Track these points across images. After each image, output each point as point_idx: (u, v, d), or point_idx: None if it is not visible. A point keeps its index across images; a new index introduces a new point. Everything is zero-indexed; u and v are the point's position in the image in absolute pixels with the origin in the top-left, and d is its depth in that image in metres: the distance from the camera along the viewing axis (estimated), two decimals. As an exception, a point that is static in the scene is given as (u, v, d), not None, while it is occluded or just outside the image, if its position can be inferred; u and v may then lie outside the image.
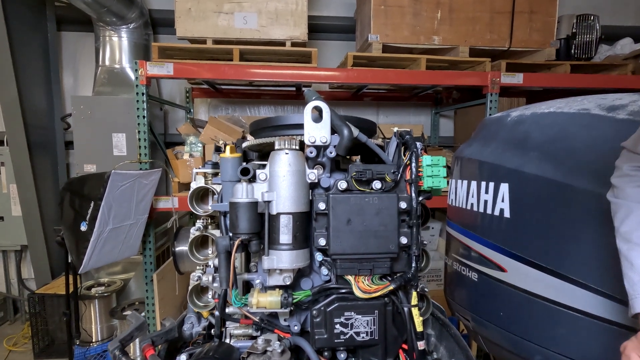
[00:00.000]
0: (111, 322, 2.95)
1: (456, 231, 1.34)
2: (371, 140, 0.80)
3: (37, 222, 3.27)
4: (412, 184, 0.74)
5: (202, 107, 3.74)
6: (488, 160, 1.17)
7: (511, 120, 1.13)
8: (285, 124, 0.81)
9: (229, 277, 0.71)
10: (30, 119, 3.18)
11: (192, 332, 0.93)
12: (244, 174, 0.72)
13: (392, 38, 2.74)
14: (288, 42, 2.75)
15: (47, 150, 3.44)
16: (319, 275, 0.78)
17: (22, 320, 3.64)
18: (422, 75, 2.63)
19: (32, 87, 3.25)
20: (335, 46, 3.70)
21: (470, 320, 1.24)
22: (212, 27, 2.67)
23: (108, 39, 3.21)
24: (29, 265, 3.61)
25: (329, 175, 0.77)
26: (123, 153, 3.01)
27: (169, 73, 2.38)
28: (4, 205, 3.45)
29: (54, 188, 3.48)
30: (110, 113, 3.00)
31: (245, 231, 0.70)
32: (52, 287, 3.09)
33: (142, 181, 2.23)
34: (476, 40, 2.78)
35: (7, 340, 3.29)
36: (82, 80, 3.68)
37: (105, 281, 3.17)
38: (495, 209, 1.10)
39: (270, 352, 0.66)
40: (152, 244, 2.55)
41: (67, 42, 3.64)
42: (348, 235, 0.71)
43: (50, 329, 3.05)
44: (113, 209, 2.06)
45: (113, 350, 0.75)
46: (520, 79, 2.59)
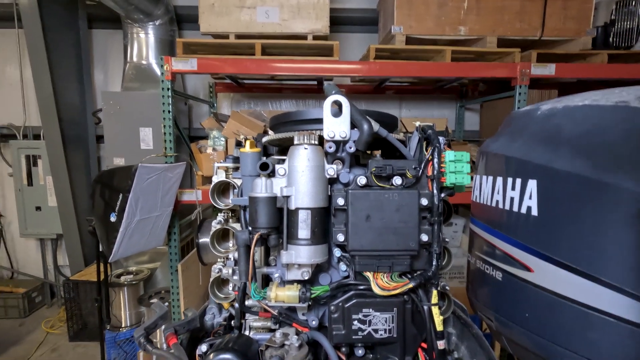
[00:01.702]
0: (139, 309, 3.08)
1: (480, 228, 1.30)
2: (392, 135, 0.79)
3: (71, 213, 3.45)
4: (434, 180, 0.72)
5: (225, 102, 3.79)
6: (515, 156, 1.12)
7: (541, 113, 1.08)
8: (304, 118, 0.80)
9: (248, 270, 0.72)
10: (64, 114, 3.34)
11: (214, 322, 0.95)
12: (263, 168, 0.73)
13: (416, 29, 2.67)
14: (310, 35, 2.74)
15: (79, 144, 3.60)
16: (337, 271, 0.77)
17: (58, 304, 3.87)
18: (447, 68, 2.55)
19: (65, 84, 3.40)
20: (357, 39, 3.65)
21: (494, 320, 1.20)
22: (234, 22, 2.70)
23: (135, 36, 3.30)
24: (64, 253, 3.82)
25: (348, 171, 0.76)
26: (149, 147, 3.11)
27: (193, 68, 2.42)
28: (41, 196, 3.65)
29: (87, 180, 3.65)
30: (138, 108, 3.10)
31: (264, 225, 0.70)
32: (85, 274, 3.25)
33: (168, 174, 2.29)
34: (505, 30, 2.66)
35: (45, 323, 3.51)
36: (111, 76, 3.82)
37: (133, 270, 3.30)
38: (522, 207, 1.05)
39: (288, 345, 0.66)
40: (177, 235, 2.62)
41: (98, 40, 3.78)
42: (367, 231, 0.70)
43: (84, 313, 3.22)
44: (140, 201, 2.14)
45: (138, 337, 0.77)
46: (552, 70, 2.46)
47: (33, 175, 3.63)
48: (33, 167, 3.62)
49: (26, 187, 3.64)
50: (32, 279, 3.97)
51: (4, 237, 3.97)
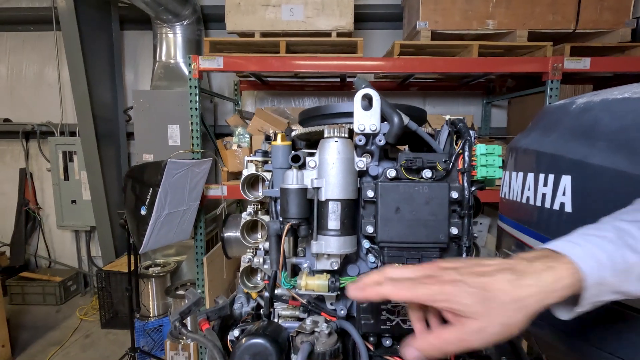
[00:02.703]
0: (166, 299, 3.20)
1: (509, 226, 1.28)
2: (421, 128, 0.79)
3: (104, 206, 3.61)
4: (464, 173, 0.72)
5: (249, 100, 3.86)
6: (548, 151, 1.10)
7: (577, 107, 1.05)
8: (334, 112, 0.81)
9: (279, 259, 0.74)
10: (98, 112, 3.50)
11: (242, 311, 0.98)
12: (295, 160, 0.74)
13: (442, 24, 2.62)
14: (334, 32, 2.75)
15: (112, 140, 3.77)
16: (365, 263, 0.78)
17: (91, 293, 4.07)
18: (473, 63, 2.50)
19: (99, 83, 3.56)
20: (381, 35, 3.63)
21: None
22: (259, 20, 2.74)
23: (164, 36, 3.42)
24: (96, 245, 4.01)
25: (377, 164, 0.77)
26: (177, 143, 3.21)
27: (219, 66, 2.49)
28: (76, 190, 3.84)
29: (118, 175, 3.81)
30: (166, 105, 3.21)
31: (295, 216, 0.72)
32: (116, 265, 3.40)
33: (195, 170, 2.37)
34: (536, 22, 2.58)
35: (79, 310, 3.70)
36: (141, 75, 3.97)
37: (161, 262, 3.43)
38: (555, 203, 1.02)
39: (318, 332, 0.68)
40: (203, 229, 2.70)
41: (129, 40, 3.93)
42: (396, 223, 0.70)
43: (115, 302, 3.38)
44: (169, 195, 2.22)
45: (174, 321, 0.81)
46: (587, 64, 2.36)
47: (69, 170, 3.83)
48: (69, 162, 3.82)
49: (63, 181, 3.85)
50: (68, 268, 4.19)
51: (43, 228, 4.22)
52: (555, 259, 0.46)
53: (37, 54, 4.01)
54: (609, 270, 0.45)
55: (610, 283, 0.45)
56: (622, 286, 0.46)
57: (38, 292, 3.81)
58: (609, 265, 0.45)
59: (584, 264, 0.45)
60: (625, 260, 0.45)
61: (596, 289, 0.45)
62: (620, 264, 0.45)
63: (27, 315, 3.63)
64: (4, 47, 4.02)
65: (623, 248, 0.46)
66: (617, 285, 0.46)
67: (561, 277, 0.44)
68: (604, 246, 0.46)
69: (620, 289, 0.46)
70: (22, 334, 3.25)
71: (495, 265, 0.47)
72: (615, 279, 0.45)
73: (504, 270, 0.45)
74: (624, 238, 0.46)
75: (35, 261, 4.27)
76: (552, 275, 0.44)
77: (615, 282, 0.45)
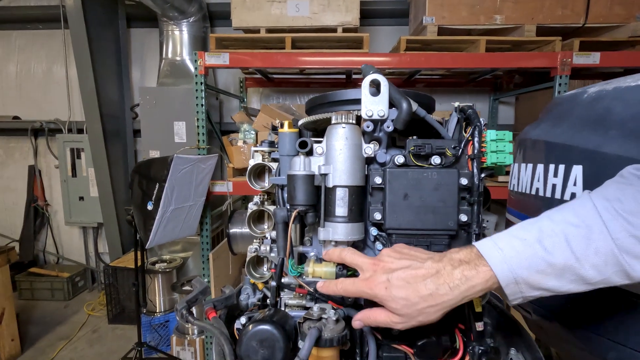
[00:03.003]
0: (172, 295, 3.22)
1: (517, 218, 1.26)
2: (430, 115, 0.78)
3: (111, 203, 3.64)
4: (474, 159, 0.71)
5: (255, 96, 3.87)
6: (559, 141, 1.08)
7: (588, 96, 1.03)
8: (341, 99, 0.81)
9: (286, 246, 0.74)
10: (105, 109, 3.53)
11: (248, 302, 0.97)
12: (302, 146, 0.74)
13: (448, 20, 2.60)
14: (339, 28, 2.74)
15: (118, 137, 3.80)
16: (372, 251, 0.77)
17: (99, 289, 4.10)
18: (481, 58, 2.47)
19: (106, 81, 3.59)
20: (387, 31, 3.62)
21: (532, 313, 1.16)
22: (265, 16, 2.74)
23: (170, 33, 3.44)
24: (104, 241, 4.05)
25: (385, 151, 0.76)
26: (183, 140, 3.22)
27: (225, 63, 2.49)
28: (84, 187, 3.88)
29: (125, 172, 3.84)
30: (172, 102, 3.23)
31: (302, 202, 0.71)
32: (122, 261, 3.43)
33: (201, 165, 2.37)
34: (545, 17, 2.54)
35: (86, 306, 3.73)
36: (148, 73, 3.99)
37: (167, 258, 3.45)
38: (566, 193, 1.01)
39: (325, 319, 0.68)
40: (209, 225, 2.71)
41: (135, 38, 3.96)
42: (404, 210, 0.70)
43: (122, 298, 3.40)
44: (175, 190, 2.22)
45: (181, 309, 0.81)
46: (596, 59, 2.33)
47: (77, 167, 3.87)
48: (77, 159, 3.85)
49: (70, 178, 3.88)
50: (76, 264, 4.23)
51: (51, 225, 4.26)
52: (475, 264, 0.54)
53: (45, 52, 4.05)
54: (525, 272, 0.51)
55: (529, 282, 0.52)
56: (541, 284, 0.52)
57: (46, 288, 3.86)
58: (524, 267, 0.51)
59: (499, 269, 0.52)
60: (540, 261, 0.51)
61: (513, 287, 0.53)
62: (536, 266, 0.51)
63: (36, 310, 3.68)
64: (13, 46, 4.07)
65: (540, 250, 0.51)
66: (536, 283, 0.52)
67: (475, 285, 0.53)
68: (522, 250, 0.52)
69: (540, 286, 0.52)
70: (31, 329, 3.29)
71: (424, 269, 0.56)
72: (532, 278, 0.52)
73: (429, 277, 0.55)
74: (542, 241, 0.51)
75: (43, 257, 4.33)
76: (466, 285, 0.53)
77: (533, 281, 0.52)
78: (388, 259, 0.61)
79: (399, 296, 0.56)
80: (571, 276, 0.51)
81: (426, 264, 0.57)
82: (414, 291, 0.55)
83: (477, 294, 0.54)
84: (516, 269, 0.52)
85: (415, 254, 0.61)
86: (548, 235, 0.52)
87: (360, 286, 0.60)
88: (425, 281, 0.55)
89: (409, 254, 0.61)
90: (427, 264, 0.57)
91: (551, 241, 0.51)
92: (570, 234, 0.51)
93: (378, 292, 0.57)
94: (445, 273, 0.55)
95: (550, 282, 0.52)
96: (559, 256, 0.50)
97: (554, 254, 0.50)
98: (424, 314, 0.55)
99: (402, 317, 0.57)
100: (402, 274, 0.57)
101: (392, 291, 0.56)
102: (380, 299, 0.58)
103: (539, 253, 0.51)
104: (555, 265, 0.51)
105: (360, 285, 0.60)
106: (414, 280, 0.56)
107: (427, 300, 0.54)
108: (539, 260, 0.51)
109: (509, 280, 0.52)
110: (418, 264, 0.58)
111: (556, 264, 0.50)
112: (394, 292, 0.56)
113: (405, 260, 0.59)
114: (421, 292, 0.55)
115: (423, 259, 0.59)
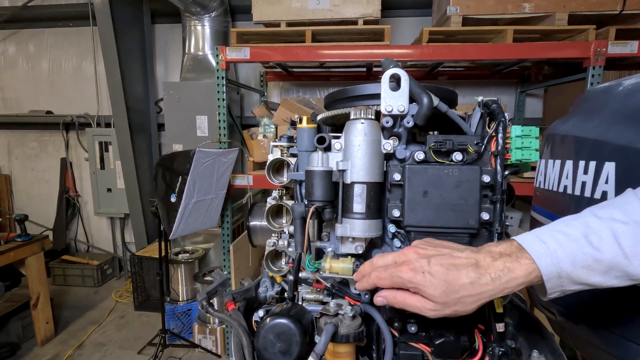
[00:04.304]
0: (194, 285, 3.31)
1: (543, 216, 1.22)
2: (452, 110, 0.76)
3: (136, 194, 3.77)
4: (497, 156, 0.68)
5: (275, 90, 3.88)
6: (590, 137, 1.03)
7: (624, 89, 0.98)
8: (361, 94, 0.80)
9: (303, 241, 0.74)
10: (131, 104, 3.64)
11: (266, 295, 0.99)
12: (320, 142, 0.74)
13: (474, 9, 2.51)
14: (360, 20, 2.70)
15: (143, 131, 3.91)
16: (390, 248, 0.77)
17: (125, 276, 4.28)
18: (507, 49, 2.38)
19: (132, 76, 3.70)
20: (409, 23, 3.53)
21: (557, 315, 1.13)
22: (286, 9, 2.73)
23: (193, 28, 3.49)
24: (130, 231, 4.20)
25: (404, 147, 0.75)
26: (205, 134, 3.29)
27: (246, 57, 2.51)
28: (112, 179, 4.03)
29: (150, 165, 3.96)
30: (194, 97, 3.29)
31: (320, 198, 0.71)
32: (148, 251, 3.55)
33: (222, 159, 2.42)
34: (578, 4, 2.41)
35: (114, 293, 3.91)
36: (171, 68, 4.08)
37: (189, 249, 3.55)
38: (596, 192, 0.97)
39: (342, 315, 0.68)
40: (230, 218, 2.76)
41: (159, 34, 4.04)
42: (424, 207, 0.68)
43: (147, 286, 3.53)
44: (197, 183, 2.28)
45: (201, 301, 0.83)
46: (634, 48, 2.20)
47: (105, 159, 4.02)
48: (105, 152, 4.00)
49: (99, 170, 4.05)
50: (104, 253, 4.43)
51: (81, 215, 4.47)
52: (517, 257, 0.53)
53: (75, 48, 4.21)
54: (569, 266, 0.51)
55: (572, 277, 0.51)
56: (584, 279, 0.51)
57: (77, 275, 4.06)
58: (568, 261, 0.51)
59: (543, 262, 0.51)
60: (586, 257, 0.50)
61: (555, 281, 0.52)
62: (581, 261, 0.50)
63: (68, 295, 3.88)
64: (46, 43, 4.25)
65: (586, 246, 0.50)
66: (579, 279, 0.51)
67: (517, 277, 0.52)
68: (567, 245, 0.51)
69: (583, 281, 0.52)
70: (64, 313, 3.48)
71: (463, 258, 0.55)
72: (576, 273, 0.51)
73: (469, 266, 0.53)
74: (589, 237, 0.51)
75: (75, 245, 4.55)
76: (508, 276, 0.52)
77: (576, 276, 0.51)
78: (422, 246, 0.59)
79: (438, 282, 0.53)
80: (617, 272, 0.50)
81: (464, 253, 0.55)
82: (454, 278, 0.53)
83: (518, 287, 0.53)
84: (561, 263, 0.51)
85: (450, 244, 0.60)
86: (594, 231, 0.51)
87: (394, 272, 0.57)
88: (466, 269, 0.53)
89: (442, 244, 0.60)
90: (466, 254, 0.55)
91: (598, 237, 0.50)
92: (618, 230, 0.50)
93: (414, 277, 0.54)
94: (485, 264, 0.53)
95: (595, 278, 0.51)
96: (606, 252, 0.50)
97: (602, 250, 0.50)
98: (461, 303, 0.53)
99: (437, 304, 0.54)
100: (441, 260, 0.55)
101: (430, 277, 0.53)
102: (415, 284, 0.54)
103: (585, 249, 0.50)
104: (602, 262, 0.50)
105: (394, 270, 0.57)
106: (454, 268, 0.54)
107: (467, 289, 0.53)
108: (585, 255, 0.50)
109: (552, 273, 0.51)
110: (457, 252, 0.56)
111: (603, 260, 0.50)
112: (433, 277, 0.53)
113: (442, 248, 0.58)
114: (462, 279, 0.53)
115: (460, 249, 0.57)
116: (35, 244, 2.85)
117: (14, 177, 4.58)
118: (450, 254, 0.56)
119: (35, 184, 4.54)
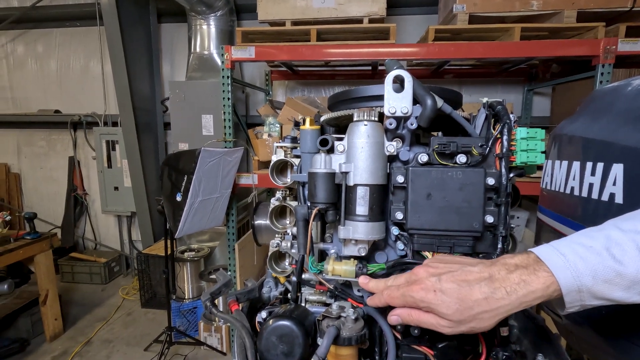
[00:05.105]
0: (200, 283, 3.34)
1: (550, 218, 1.20)
2: (456, 111, 0.75)
3: (143, 193, 3.81)
4: (502, 158, 0.68)
5: (280, 89, 3.88)
6: (598, 138, 1.02)
7: (633, 89, 0.96)
8: (364, 95, 0.79)
9: (306, 243, 0.74)
10: (138, 103, 3.66)
11: (270, 295, 0.99)
12: (323, 144, 0.74)
13: (480, 7, 2.49)
14: (366, 18, 2.68)
15: (150, 130, 3.94)
16: (393, 250, 0.76)
17: (132, 274, 4.32)
18: (515, 47, 2.35)
19: (138, 75, 3.72)
20: (415, 21, 3.51)
21: (563, 318, 1.11)
22: (291, 8, 2.73)
23: (198, 28, 3.50)
24: (137, 229, 4.24)
25: (408, 149, 0.74)
26: (210, 133, 3.30)
27: (251, 56, 2.51)
28: (119, 178, 4.07)
29: (156, 163, 3.99)
30: (200, 96, 3.30)
31: (323, 201, 0.71)
32: (154, 249, 3.58)
33: (227, 158, 2.42)
34: (587, 1, 2.37)
35: (121, 290, 3.95)
36: (177, 67, 4.10)
37: (195, 247, 3.57)
38: (604, 194, 0.95)
39: (344, 317, 0.68)
40: (235, 217, 2.78)
41: (165, 33, 4.06)
42: (427, 210, 0.68)
43: (153, 284, 3.57)
44: (202, 182, 2.29)
45: (205, 301, 0.83)
46: (644, 45, 2.16)
47: (112, 158, 4.06)
48: (112, 151, 4.04)
49: (106, 169, 4.09)
50: (112, 250, 4.48)
51: (89, 213, 4.52)
52: (534, 269, 0.50)
53: (83, 48, 4.25)
54: (590, 280, 0.48)
55: (593, 291, 0.49)
56: (605, 294, 0.49)
57: (85, 272, 4.11)
58: (589, 275, 0.48)
59: (562, 275, 0.49)
60: (608, 271, 0.48)
61: (575, 295, 0.49)
62: (603, 275, 0.48)
63: (76, 292, 3.93)
64: (54, 43, 4.30)
65: (608, 259, 0.48)
66: (600, 293, 0.49)
67: (534, 290, 0.49)
68: (587, 257, 0.49)
69: (605, 296, 0.49)
70: (72, 310, 3.53)
71: (476, 272, 0.52)
72: (597, 288, 0.48)
73: (482, 281, 0.51)
74: (611, 250, 0.48)
75: (83, 243, 4.60)
76: (525, 289, 0.50)
77: (597, 290, 0.48)
78: (433, 264, 0.58)
79: (450, 300, 0.52)
80: None
81: (477, 267, 0.53)
82: (467, 294, 0.51)
83: (536, 300, 0.50)
84: (581, 276, 0.48)
85: (462, 260, 0.59)
86: (617, 244, 0.49)
87: (405, 291, 0.56)
88: (479, 284, 0.51)
89: (454, 259, 0.59)
90: (479, 268, 0.53)
91: (621, 250, 0.48)
92: None
93: (425, 296, 0.53)
94: (500, 277, 0.51)
95: (617, 293, 0.48)
96: (630, 266, 0.47)
97: (625, 264, 0.47)
98: (477, 319, 0.51)
99: (452, 322, 0.52)
100: (452, 277, 0.53)
101: (442, 294, 0.52)
102: (427, 303, 0.53)
103: (607, 262, 0.48)
104: (626, 276, 0.47)
105: (406, 290, 0.56)
106: (466, 284, 0.52)
107: (481, 305, 0.50)
108: (606, 269, 0.48)
109: (571, 287, 0.49)
110: (469, 267, 0.54)
111: (626, 275, 0.47)
112: (445, 295, 0.52)
113: (453, 264, 0.56)
114: (475, 295, 0.51)
115: (473, 263, 0.56)
116: (44, 242, 2.89)
117: (24, 176, 4.64)
118: (462, 269, 0.54)
119: (44, 182, 4.60)
